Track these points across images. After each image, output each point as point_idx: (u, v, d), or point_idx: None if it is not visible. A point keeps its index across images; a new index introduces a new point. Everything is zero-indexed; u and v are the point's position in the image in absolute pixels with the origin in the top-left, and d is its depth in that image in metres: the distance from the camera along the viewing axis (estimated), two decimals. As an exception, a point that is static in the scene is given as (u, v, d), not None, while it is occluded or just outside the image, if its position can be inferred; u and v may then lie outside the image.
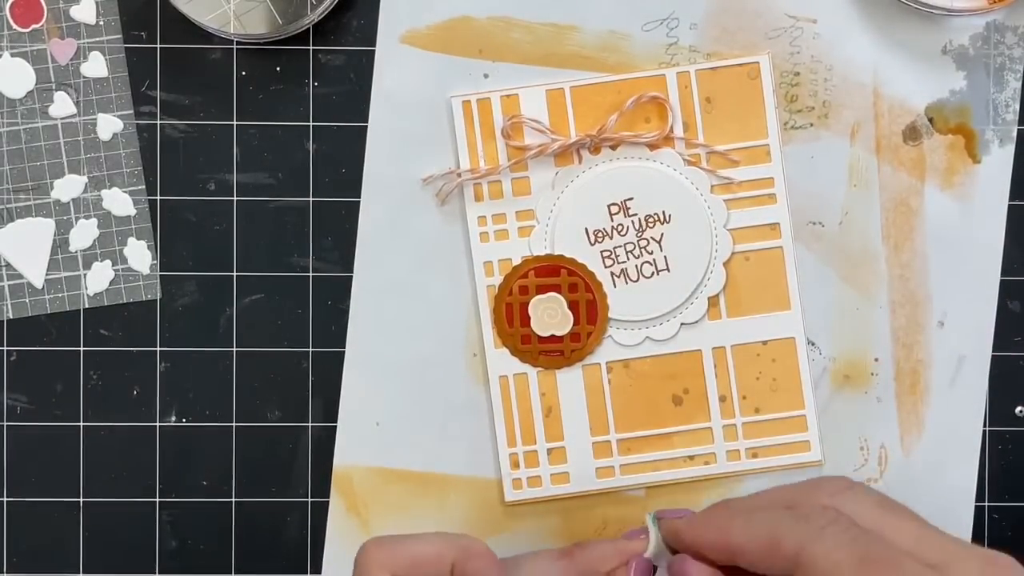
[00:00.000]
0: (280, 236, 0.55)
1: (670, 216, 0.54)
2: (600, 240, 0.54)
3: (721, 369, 0.55)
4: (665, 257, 0.54)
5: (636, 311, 0.54)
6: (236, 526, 0.56)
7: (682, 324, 0.54)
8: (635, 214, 0.54)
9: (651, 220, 0.54)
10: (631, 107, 0.54)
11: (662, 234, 0.54)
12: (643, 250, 0.54)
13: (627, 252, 0.54)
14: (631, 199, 0.54)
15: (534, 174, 0.55)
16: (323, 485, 0.55)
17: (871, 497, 0.46)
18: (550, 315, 0.53)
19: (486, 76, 0.55)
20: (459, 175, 0.54)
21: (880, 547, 0.41)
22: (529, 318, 0.53)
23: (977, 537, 0.56)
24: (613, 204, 0.54)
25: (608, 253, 0.54)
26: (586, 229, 0.54)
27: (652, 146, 0.54)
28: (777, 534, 0.42)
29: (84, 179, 0.55)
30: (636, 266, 0.54)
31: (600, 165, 0.54)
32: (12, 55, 0.55)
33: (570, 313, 0.53)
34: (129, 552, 0.56)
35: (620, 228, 0.54)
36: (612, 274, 0.54)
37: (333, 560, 0.55)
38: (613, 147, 0.54)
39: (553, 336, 0.53)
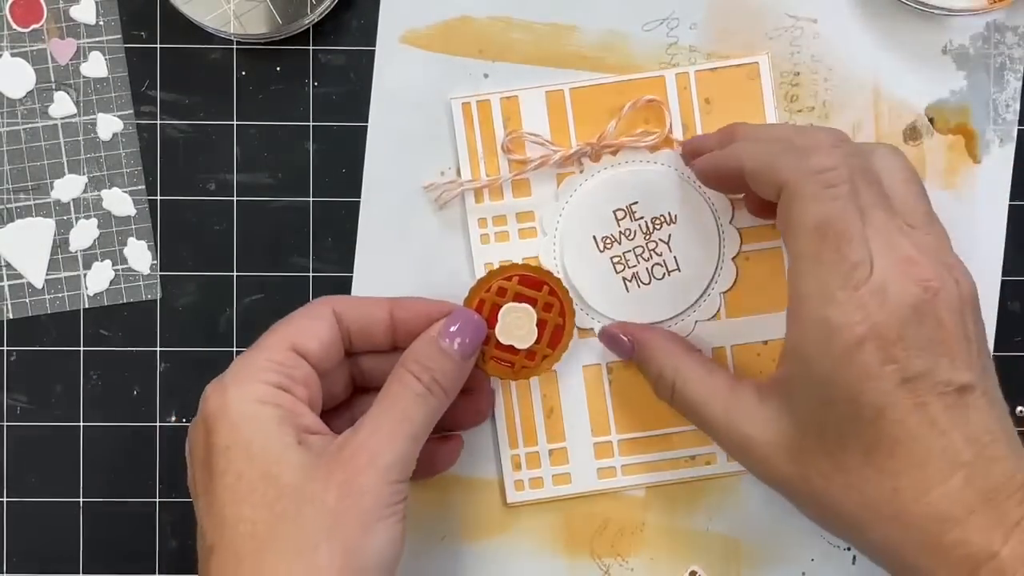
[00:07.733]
0: (280, 236, 0.55)
1: (676, 216, 0.54)
2: (609, 246, 0.54)
3: (722, 369, 0.55)
4: (675, 257, 0.54)
5: (650, 313, 0.54)
6: (236, 526, 0.56)
7: (696, 322, 0.54)
8: (641, 217, 0.54)
9: (658, 222, 0.54)
10: (628, 112, 0.54)
11: (670, 235, 0.54)
12: (652, 252, 0.54)
13: (637, 256, 0.54)
14: (636, 203, 0.54)
15: (535, 178, 0.54)
16: (323, 485, 0.55)
17: (902, 167, 0.47)
18: (517, 325, 0.51)
19: (486, 76, 0.55)
20: (460, 185, 0.54)
21: (850, 215, 0.44)
22: (496, 320, 0.50)
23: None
24: (619, 209, 0.54)
25: (618, 259, 0.54)
26: (594, 237, 0.54)
27: (652, 148, 0.54)
28: (777, 164, 0.45)
29: (84, 179, 0.55)
30: (647, 269, 0.54)
31: (602, 172, 0.54)
32: (12, 55, 0.55)
33: (536, 330, 0.51)
34: (129, 553, 0.56)
35: (628, 233, 0.54)
36: (624, 279, 0.54)
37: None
38: (613, 153, 0.54)
39: (511, 347, 0.51)
